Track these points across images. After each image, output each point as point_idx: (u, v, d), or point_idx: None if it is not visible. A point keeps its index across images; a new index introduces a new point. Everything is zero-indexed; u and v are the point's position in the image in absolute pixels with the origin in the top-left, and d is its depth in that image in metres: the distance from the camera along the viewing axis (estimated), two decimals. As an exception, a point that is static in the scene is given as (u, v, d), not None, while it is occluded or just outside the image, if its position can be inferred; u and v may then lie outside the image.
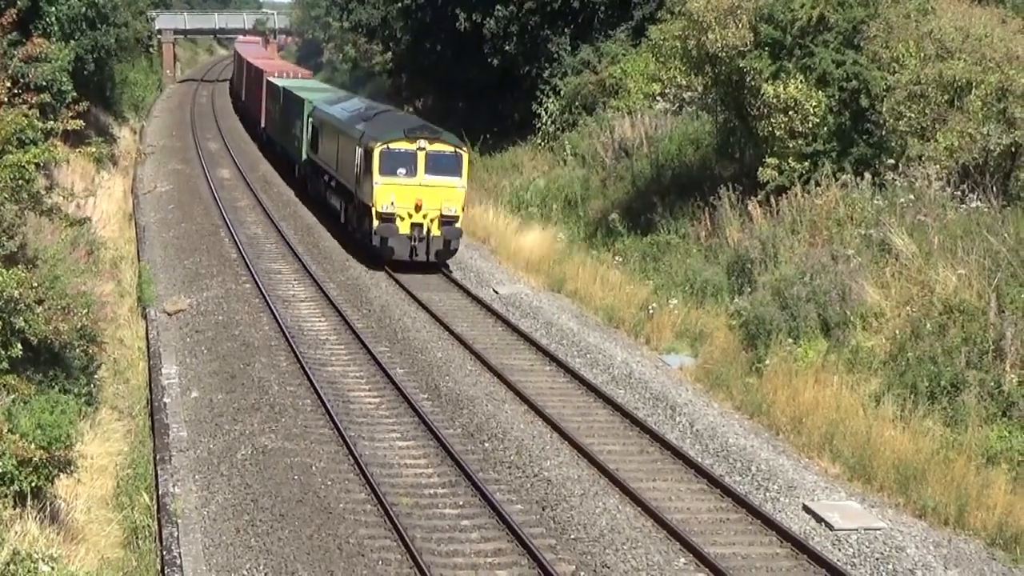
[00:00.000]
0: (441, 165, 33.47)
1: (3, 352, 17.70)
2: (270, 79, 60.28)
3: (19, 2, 31.46)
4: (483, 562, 17.20)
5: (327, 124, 41.51)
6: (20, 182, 18.99)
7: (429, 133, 34.18)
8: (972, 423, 20.69)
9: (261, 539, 17.64)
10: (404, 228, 33.44)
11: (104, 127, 56.14)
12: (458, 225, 33.77)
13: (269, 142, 59.51)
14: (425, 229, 33.50)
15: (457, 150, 33.82)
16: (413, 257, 33.54)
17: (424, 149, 33.38)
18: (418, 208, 33.35)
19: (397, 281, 32.96)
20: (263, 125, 61.60)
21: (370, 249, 34.45)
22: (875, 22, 29.11)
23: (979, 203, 25.74)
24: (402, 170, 33.29)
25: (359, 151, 34.90)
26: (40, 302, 18.35)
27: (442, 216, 33.42)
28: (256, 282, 32.42)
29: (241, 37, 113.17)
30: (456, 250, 34.16)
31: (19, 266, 18.57)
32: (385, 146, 33.33)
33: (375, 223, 33.51)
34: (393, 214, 33.33)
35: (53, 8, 39.04)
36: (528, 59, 50.47)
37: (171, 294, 31.64)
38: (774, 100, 28.94)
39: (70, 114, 20.56)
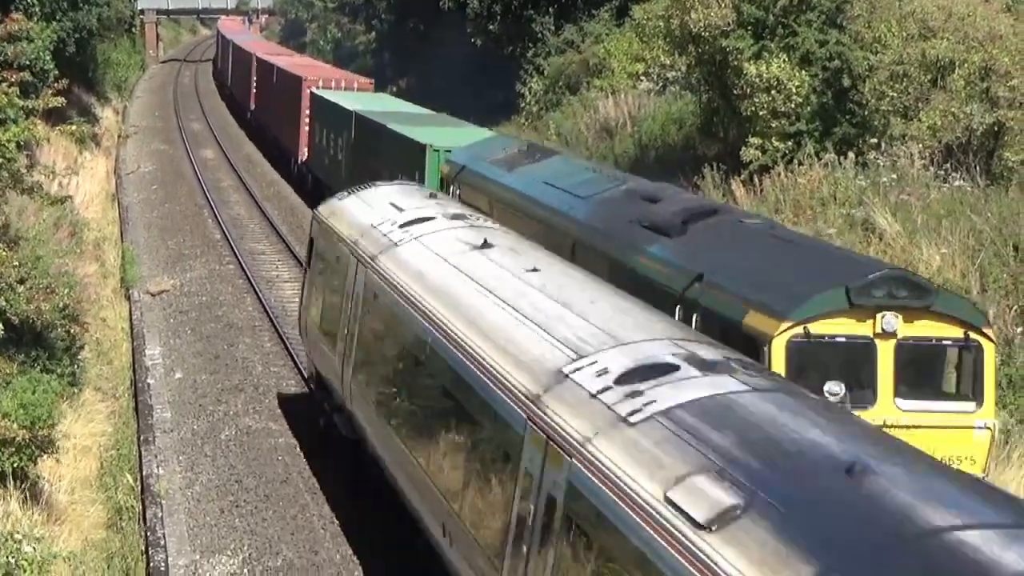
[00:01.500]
0: (933, 372, 15.34)
1: (-16, 331, 17.65)
2: (317, 92, 42.29)
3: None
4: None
5: (522, 210, 21.90)
6: (0, 161, 18.93)
7: (908, 291, 14.55)
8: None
9: (245, 519, 17.64)
10: None
11: (87, 107, 55.89)
12: None
13: (319, 186, 38.92)
14: None
15: (970, 333, 14.68)
16: None
17: (893, 333, 14.51)
18: None
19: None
20: (304, 158, 43.00)
21: None
22: (858, 1, 29.10)
23: (962, 182, 25.76)
24: (838, 387, 14.47)
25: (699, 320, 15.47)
26: (22, 281, 18.29)
27: None
28: (240, 262, 32.34)
29: (224, 18, 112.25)
30: None
31: (0, 245, 18.50)
32: (802, 331, 14.24)
33: None
34: None
35: (33, -12, 38.77)
36: (512, 39, 50.48)
37: (155, 275, 31.57)
38: (757, 80, 28.93)
39: (51, 92, 20.48)
